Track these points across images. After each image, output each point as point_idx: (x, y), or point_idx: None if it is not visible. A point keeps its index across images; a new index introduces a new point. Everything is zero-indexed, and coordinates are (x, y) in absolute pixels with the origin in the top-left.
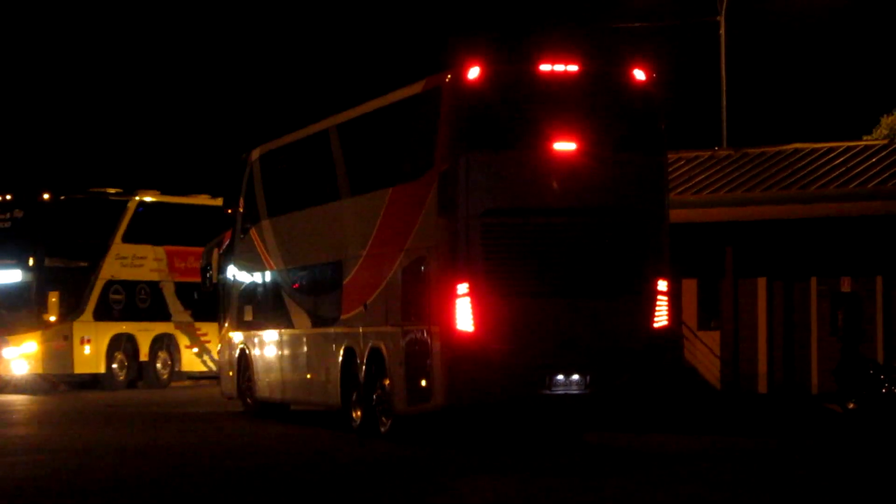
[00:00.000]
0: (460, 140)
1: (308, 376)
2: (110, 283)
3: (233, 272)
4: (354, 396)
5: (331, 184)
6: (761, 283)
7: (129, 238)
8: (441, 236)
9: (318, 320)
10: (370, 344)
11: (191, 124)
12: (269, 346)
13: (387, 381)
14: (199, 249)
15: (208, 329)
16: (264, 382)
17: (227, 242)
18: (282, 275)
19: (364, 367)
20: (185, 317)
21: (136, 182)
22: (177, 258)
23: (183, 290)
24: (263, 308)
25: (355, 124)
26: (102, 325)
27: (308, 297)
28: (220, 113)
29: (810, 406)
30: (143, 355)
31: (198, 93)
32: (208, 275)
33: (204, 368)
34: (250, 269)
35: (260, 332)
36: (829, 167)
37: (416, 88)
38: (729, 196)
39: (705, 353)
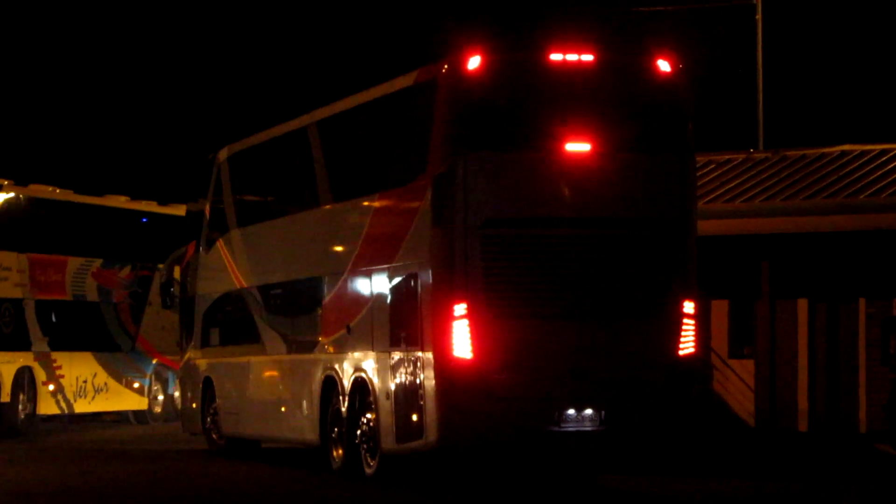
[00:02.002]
0: (458, 139)
1: (282, 409)
2: None
3: (196, 290)
4: (335, 433)
5: (309, 189)
6: (802, 304)
7: None
8: (435, 249)
9: (294, 345)
10: (354, 372)
11: (148, 118)
12: (237, 374)
13: (372, 416)
14: (60, 258)
15: (63, 361)
16: (232, 416)
17: (190, 255)
18: (253, 293)
19: (346, 399)
20: (44, 346)
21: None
22: (38, 269)
23: (43, 311)
24: (232, 331)
25: (338, 121)
26: None
27: (283, 318)
28: (183, 106)
29: (858, 446)
30: (5, 395)
31: (159, 83)
32: (169, 292)
33: (57, 411)
34: (217, 287)
35: (228, 359)
36: (881, 172)
37: (407, 80)
38: (766, 205)
39: (737, 385)
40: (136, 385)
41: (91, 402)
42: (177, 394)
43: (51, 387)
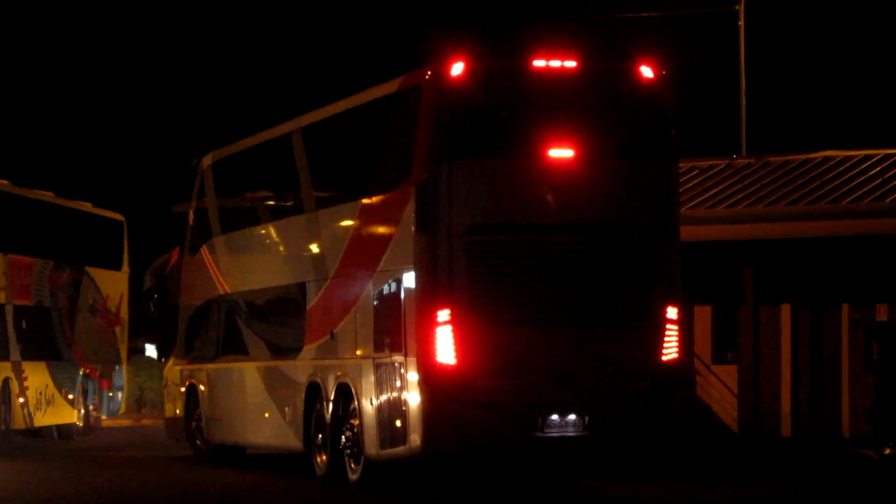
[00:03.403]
0: (442, 146)
1: (266, 415)
2: None
3: (180, 296)
4: (319, 439)
5: (294, 195)
6: (785, 310)
7: None
8: (419, 256)
9: (278, 351)
10: (338, 378)
11: (130, 124)
12: (221, 380)
13: (356, 422)
14: (28, 260)
15: (31, 371)
16: (216, 423)
17: (173, 261)
18: (237, 299)
19: (330, 404)
20: (17, 355)
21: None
22: (14, 272)
23: (17, 318)
24: (215, 337)
25: (322, 128)
26: None
27: (267, 324)
28: (167, 113)
29: (841, 451)
30: None
31: (143, 88)
32: (153, 299)
33: (24, 425)
34: (200, 293)
35: (211, 365)
36: (864, 178)
37: (391, 87)
38: (749, 211)
39: (721, 391)
40: (70, 396)
41: (44, 415)
42: (91, 407)
43: (21, 399)
